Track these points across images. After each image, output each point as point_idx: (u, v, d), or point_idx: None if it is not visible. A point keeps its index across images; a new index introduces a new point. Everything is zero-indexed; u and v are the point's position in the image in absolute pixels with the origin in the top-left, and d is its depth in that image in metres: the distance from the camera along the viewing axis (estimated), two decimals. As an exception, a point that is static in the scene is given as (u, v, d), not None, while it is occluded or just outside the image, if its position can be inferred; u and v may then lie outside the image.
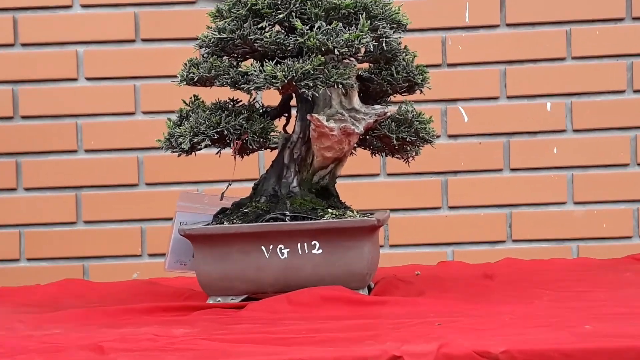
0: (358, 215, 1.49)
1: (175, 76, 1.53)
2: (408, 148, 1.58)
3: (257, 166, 2.12)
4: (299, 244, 1.43)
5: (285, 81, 1.36)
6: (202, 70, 1.46)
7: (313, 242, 1.43)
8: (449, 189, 2.16)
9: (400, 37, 1.53)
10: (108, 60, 2.16)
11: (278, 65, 1.38)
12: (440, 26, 2.11)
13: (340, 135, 1.45)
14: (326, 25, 1.37)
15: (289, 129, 1.60)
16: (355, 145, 1.55)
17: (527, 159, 2.15)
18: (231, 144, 1.48)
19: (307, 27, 1.39)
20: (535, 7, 2.14)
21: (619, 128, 2.17)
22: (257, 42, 1.40)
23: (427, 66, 1.61)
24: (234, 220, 1.49)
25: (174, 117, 1.56)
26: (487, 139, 2.14)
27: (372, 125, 1.49)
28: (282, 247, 1.43)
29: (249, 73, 1.40)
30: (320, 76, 1.37)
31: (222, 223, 1.49)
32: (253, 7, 1.40)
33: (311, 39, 1.35)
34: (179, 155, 1.51)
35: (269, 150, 1.57)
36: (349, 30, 1.38)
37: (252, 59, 1.48)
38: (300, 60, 1.37)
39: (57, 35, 2.15)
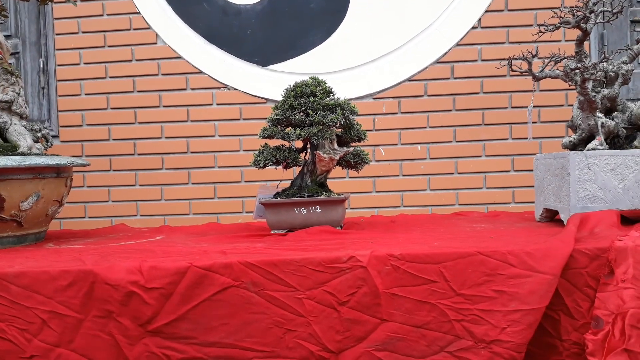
0: (336, 195, 1.94)
1: (257, 134, 2.08)
2: (358, 166, 2.06)
3: (293, 174, 2.75)
4: (310, 207, 1.89)
5: (305, 137, 1.90)
6: (268, 132, 1.99)
7: (316, 206, 1.89)
8: (376, 184, 2.84)
9: (355, 117, 2.03)
10: (232, 128, 2.76)
11: (302, 130, 1.89)
12: (372, 112, 2.84)
13: (328, 160, 1.94)
14: (322, 113, 1.91)
15: (307, 157, 2.07)
16: (335, 164, 2.00)
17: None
18: (281, 165, 1.99)
19: (315, 113, 1.91)
20: (415, 103, 2.70)
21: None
22: (293, 120, 1.94)
23: (367, 130, 2.12)
24: (283, 197, 1.97)
25: (256, 152, 2.03)
26: (391, 163, 2.82)
27: (342, 156, 1.97)
28: (303, 209, 1.88)
29: (289, 133, 1.93)
30: (320, 134, 1.90)
31: (277, 198, 1.96)
32: (291, 105, 1.97)
33: (316, 119, 1.88)
34: (259, 169, 2.01)
35: (298, 167, 2.02)
36: (332, 114, 1.90)
37: (290, 127, 1.99)
38: (312, 128, 1.89)
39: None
